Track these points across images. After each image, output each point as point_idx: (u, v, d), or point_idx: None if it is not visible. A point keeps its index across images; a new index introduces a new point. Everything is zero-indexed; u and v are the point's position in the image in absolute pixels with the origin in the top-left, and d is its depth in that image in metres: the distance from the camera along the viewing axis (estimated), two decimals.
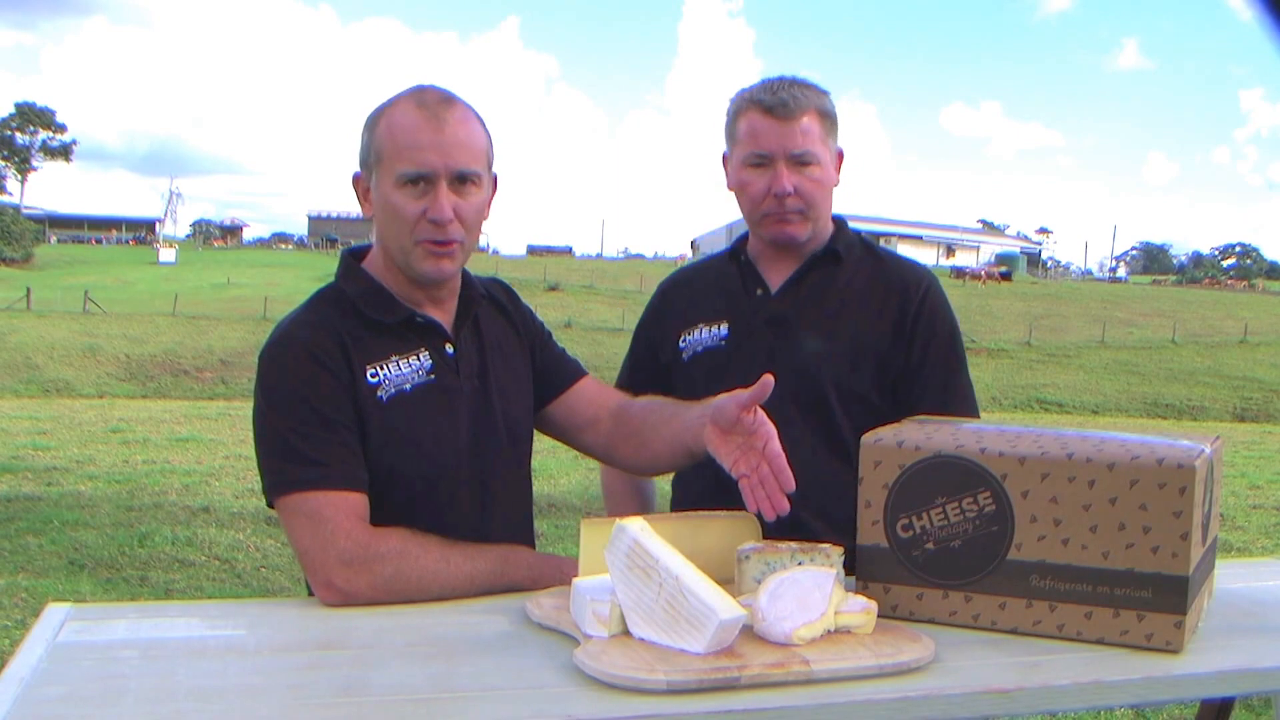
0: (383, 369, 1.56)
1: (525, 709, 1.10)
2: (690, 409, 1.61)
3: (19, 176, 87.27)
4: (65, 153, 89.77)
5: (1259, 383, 29.25)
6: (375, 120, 1.57)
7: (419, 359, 1.59)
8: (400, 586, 1.45)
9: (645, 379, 2.07)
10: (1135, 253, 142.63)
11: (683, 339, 2.01)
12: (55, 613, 1.36)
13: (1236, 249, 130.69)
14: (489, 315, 1.72)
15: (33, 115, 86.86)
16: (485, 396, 1.65)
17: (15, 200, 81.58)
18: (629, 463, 1.76)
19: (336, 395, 1.51)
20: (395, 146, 1.52)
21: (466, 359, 1.64)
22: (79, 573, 5.59)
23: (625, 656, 1.18)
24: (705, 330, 1.99)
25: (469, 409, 1.62)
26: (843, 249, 1.98)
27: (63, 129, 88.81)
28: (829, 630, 1.28)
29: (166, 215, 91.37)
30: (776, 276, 1.99)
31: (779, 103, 1.86)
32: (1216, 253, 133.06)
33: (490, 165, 1.61)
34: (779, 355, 1.91)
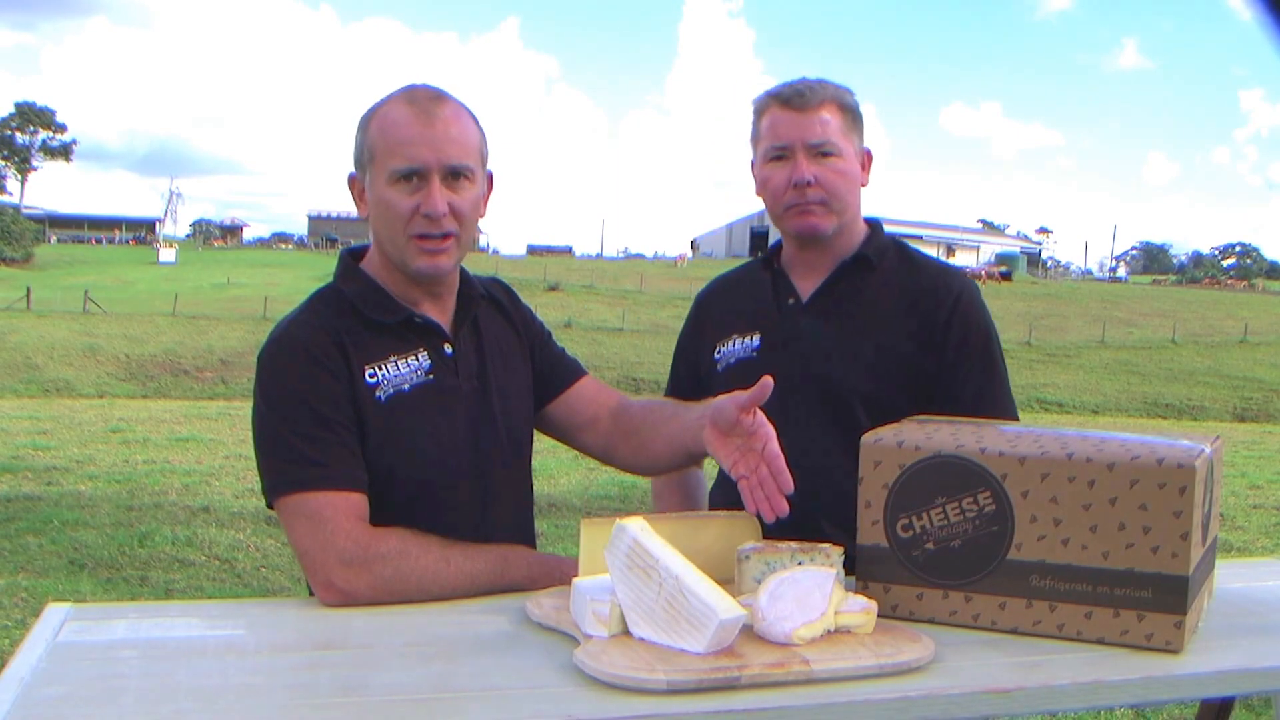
0: (381, 369, 1.56)
1: (525, 709, 1.10)
2: (690, 410, 1.61)
3: (19, 176, 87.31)
4: (65, 153, 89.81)
5: (1259, 383, 29.24)
6: (367, 120, 1.57)
7: (417, 359, 1.59)
8: (400, 586, 1.45)
9: (686, 384, 2.07)
10: (1135, 253, 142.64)
11: (718, 350, 2.00)
12: (55, 613, 1.36)
13: (1236, 249, 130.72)
14: (488, 315, 1.72)
15: (33, 115, 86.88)
16: (484, 396, 1.65)
17: (15, 200, 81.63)
18: (628, 463, 1.76)
19: (335, 395, 1.51)
20: (387, 144, 1.53)
21: (465, 359, 1.64)
22: (79, 573, 5.59)
23: (625, 656, 1.18)
24: (739, 341, 1.97)
25: (468, 409, 1.62)
26: (874, 255, 1.94)
27: (63, 129, 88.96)
28: (829, 630, 1.28)
29: (166, 215, 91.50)
30: (807, 284, 1.96)
31: (796, 93, 1.86)
32: (1216, 253, 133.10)
33: (484, 162, 1.61)
34: (808, 366, 1.89)
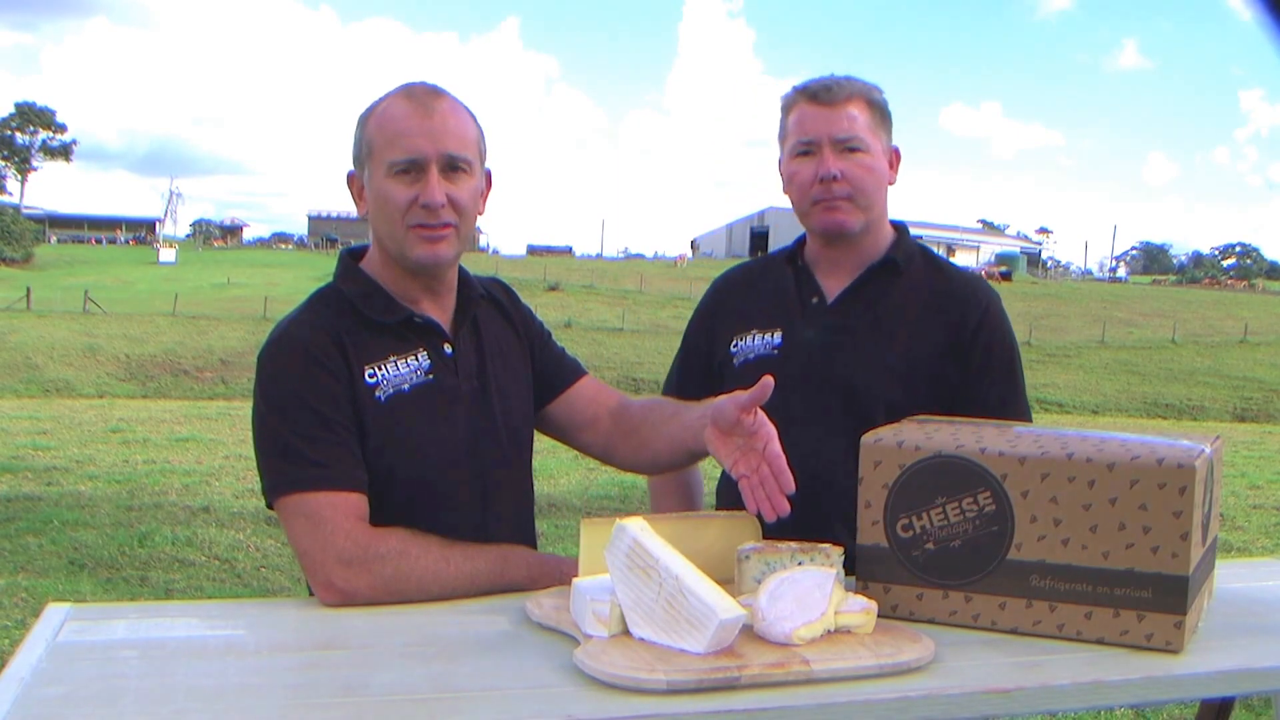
0: (381, 369, 1.56)
1: (525, 709, 1.10)
2: (691, 409, 1.61)
3: (19, 176, 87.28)
4: (65, 153, 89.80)
5: (1259, 383, 29.24)
6: (366, 117, 1.58)
7: (417, 359, 1.59)
8: (400, 586, 1.45)
9: (697, 377, 2.03)
10: (1135, 253, 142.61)
11: (735, 343, 1.96)
12: (55, 613, 1.36)
13: (1236, 249, 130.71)
14: (488, 315, 1.72)
15: (33, 115, 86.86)
16: (484, 396, 1.65)
17: (15, 200, 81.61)
18: (628, 462, 1.76)
19: (335, 396, 1.51)
20: (384, 137, 1.53)
21: (465, 359, 1.64)
22: (79, 573, 5.59)
23: (625, 656, 1.18)
24: (759, 337, 1.94)
25: (467, 409, 1.62)
26: (902, 259, 1.92)
27: (63, 129, 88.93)
28: (829, 630, 1.28)
29: (166, 215, 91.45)
30: (833, 285, 1.94)
31: (824, 88, 1.85)
32: (1216, 253, 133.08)
33: (482, 157, 1.61)
34: (831, 369, 1.87)
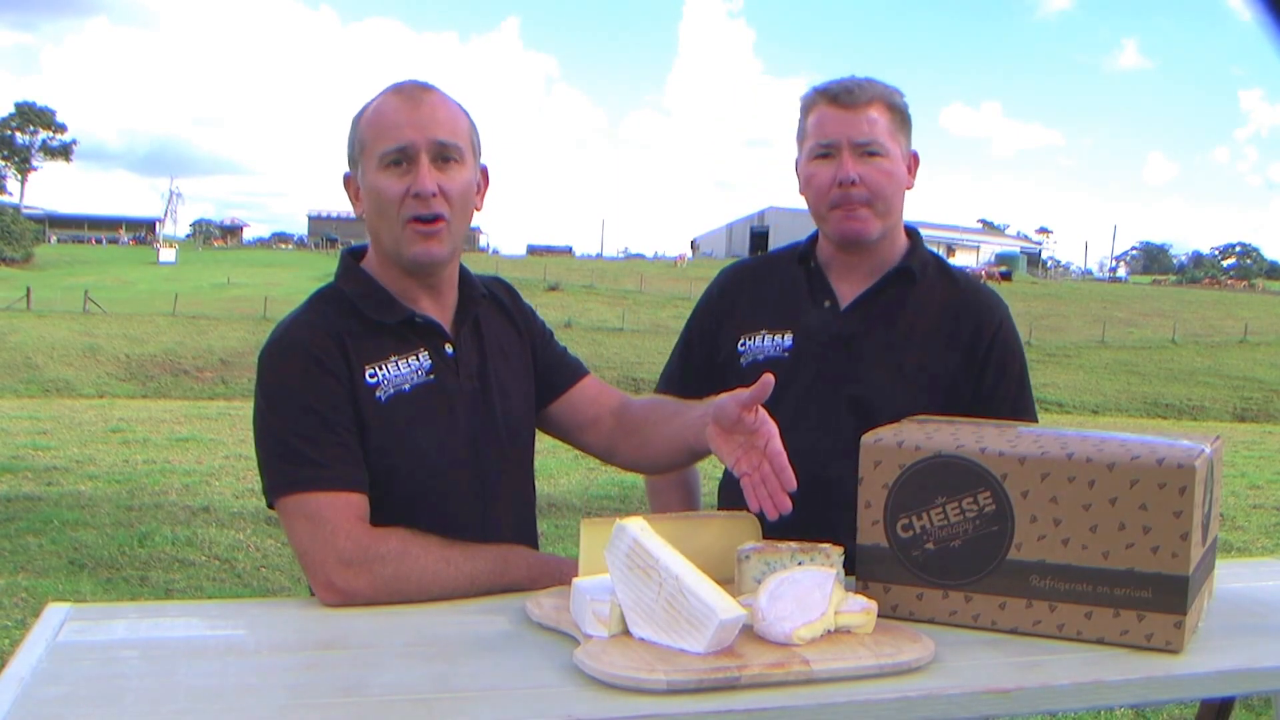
0: (382, 369, 1.56)
1: (525, 709, 1.10)
2: (692, 408, 1.61)
3: (19, 176, 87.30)
4: (65, 153, 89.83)
5: (1259, 383, 29.24)
6: (358, 117, 1.60)
7: (418, 359, 1.59)
8: (400, 587, 1.45)
9: (699, 371, 2.00)
10: (1135, 253, 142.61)
11: (743, 341, 1.93)
12: (55, 613, 1.36)
13: (1236, 249, 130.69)
14: (490, 314, 1.72)
15: (33, 115, 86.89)
16: (485, 396, 1.65)
17: (15, 200, 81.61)
18: (630, 462, 1.76)
19: (336, 396, 1.51)
20: (375, 131, 1.55)
21: (466, 359, 1.64)
22: (79, 573, 5.59)
23: (625, 656, 1.18)
24: (769, 338, 1.91)
25: (468, 409, 1.62)
26: (917, 268, 1.90)
27: (63, 129, 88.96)
28: (829, 630, 1.28)
29: (166, 215, 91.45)
30: (847, 289, 1.91)
31: (844, 90, 1.83)
32: (1216, 253, 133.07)
33: (475, 149, 1.61)
34: (842, 377, 1.86)
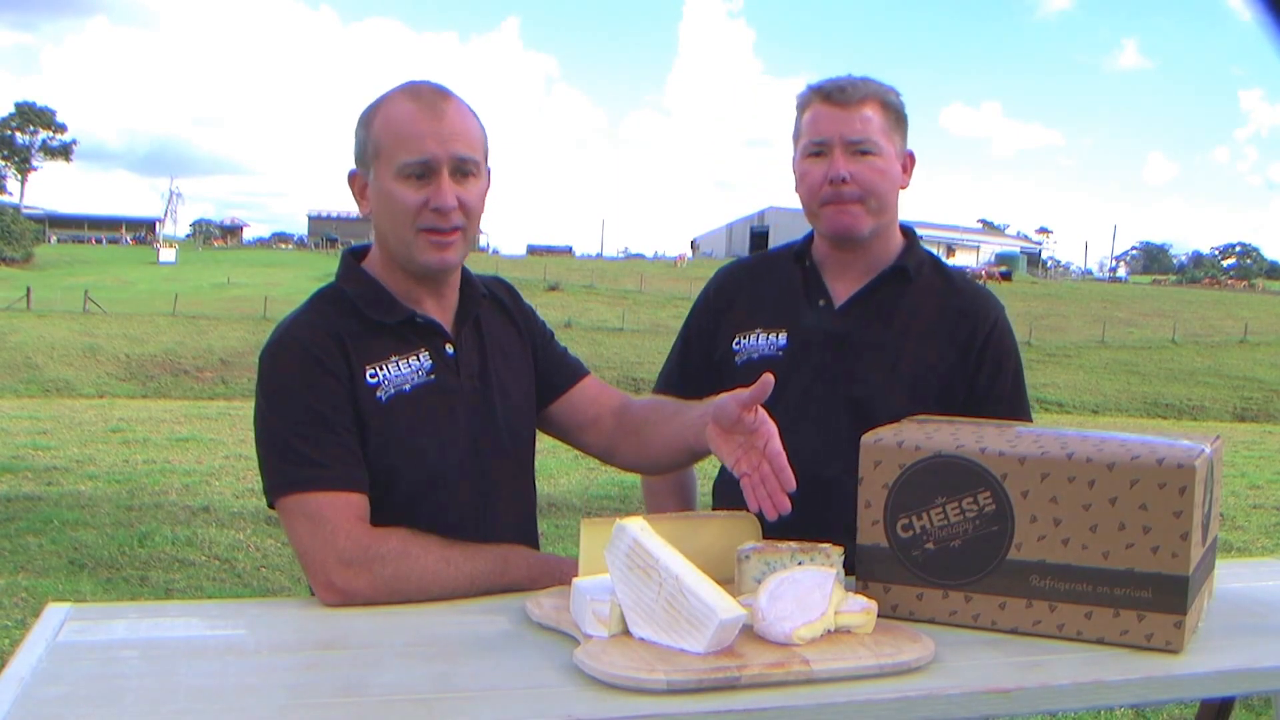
0: (382, 369, 1.56)
1: (525, 709, 1.10)
2: (692, 408, 1.61)
3: (19, 176, 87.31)
4: (65, 153, 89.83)
5: (1259, 383, 29.24)
6: (370, 116, 1.57)
7: (419, 359, 1.59)
8: (400, 587, 1.45)
9: (697, 370, 2.00)
10: (1135, 252, 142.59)
11: (738, 340, 1.94)
12: (55, 613, 1.36)
13: (1236, 249, 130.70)
14: (490, 314, 1.72)
15: (33, 115, 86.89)
16: (486, 396, 1.65)
17: (15, 200, 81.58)
18: (630, 462, 1.76)
19: (336, 396, 1.51)
20: (394, 138, 1.52)
21: (467, 359, 1.64)
22: (79, 573, 5.59)
23: (625, 656, 1.18)
24: (763, 337, 1.91)
25: (469, 409, 1.62)
26: (912, 267, 1.90)
27: (63, 129, 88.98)
28: (829, 630, 1.28)
29: (166, 215, 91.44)
30: (841, 288, 1.91)
31: (838, 88, 1.83)
32: (1216, 253, 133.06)
33: (487, 158, 1.61)
34: (837, 376, 1.86)
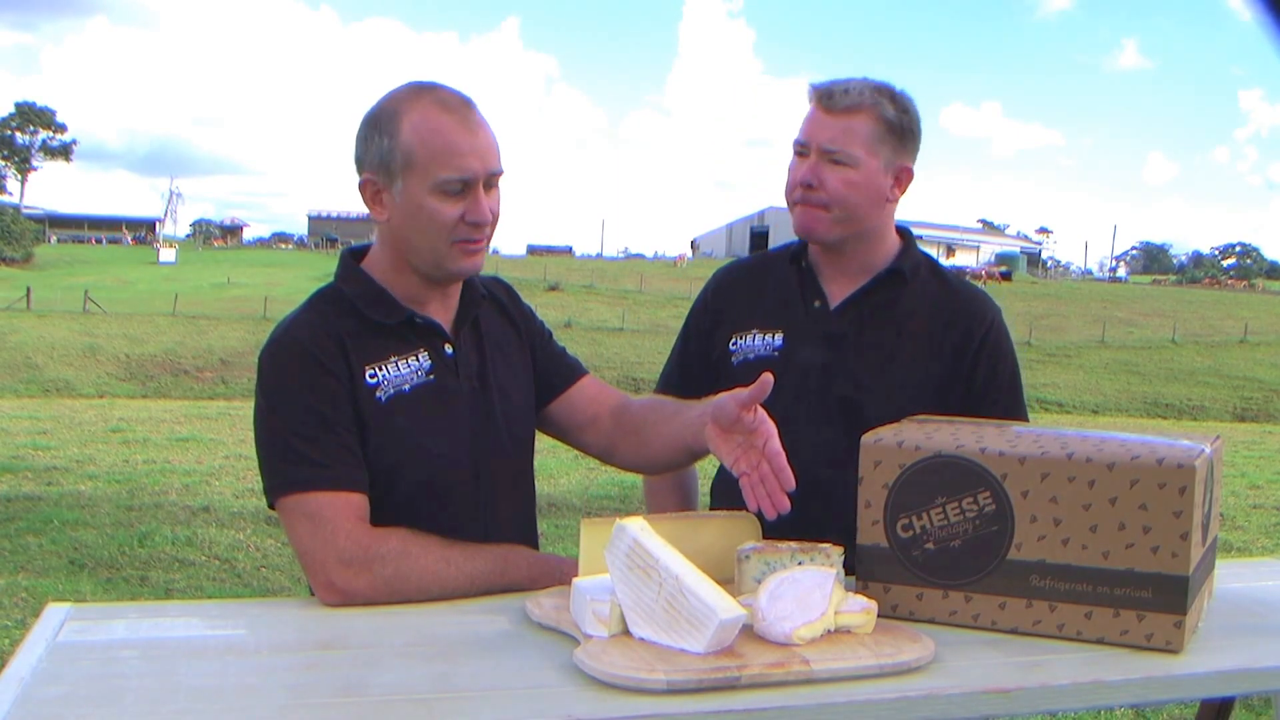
0: (382, 369, 1.56)
1: (525, 709, 1.10)
2: (691, 408, 1.61)
3: (19, 176, 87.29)
4: (65, 153, 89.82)
5: (1259, 383, 29.25)
6: (392, 123, 1.51)
7: (418, 359, 1.59)
8: (400, 586, 1.45)
9: (696, 371, 2.00)
10: (1135, 252, 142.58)
11: (734, 341, 1.94)
12: (55, 613, 1.36)
13: (1236, 249, 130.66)
14: (489, 315, 1.72)
15: (33, 115, 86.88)
16: (485, 396, 1.65)
17: (15, 200, 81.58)
18: (629, 462, 1.76)
19: (336, 396, 1.51)
20: (430, 152, 1.49)
21: (466, 359, 1.64)
22: (79, 573, 5.59)
23: (625, 656, 1.18)
24: (760, 337, 1.91)
25: (468, 409, 1.62)
26: (908, 270, 1.90)
27: (63, 129, 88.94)
28: (829, 630, 1.28)
29: (166, 215, 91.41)
30: (837, 290, 1.91)
31: (829, 94, 1.82)
32: (1216, 252, 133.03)
33: None
34: (832, 375, 1.86)
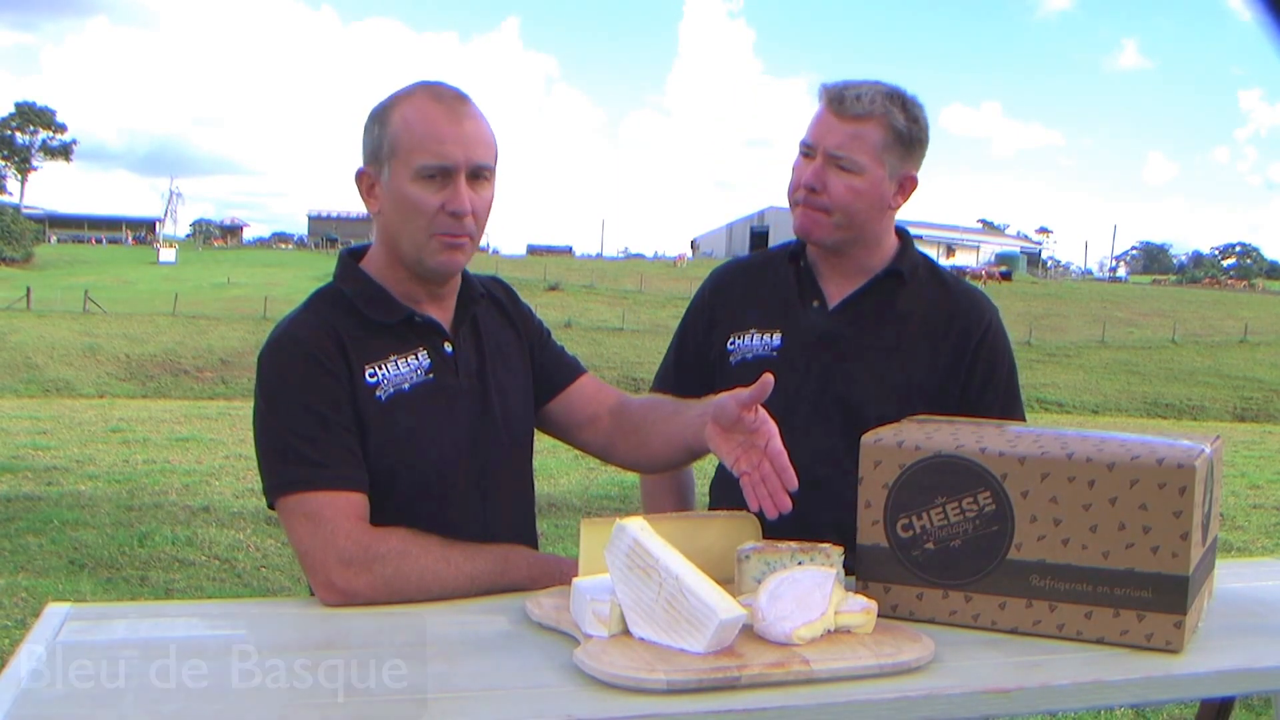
0: (381, 369, 1.56)
1: (525, 709, 1.10)
2: (691, 407, 1.61)
3: (19, 176, 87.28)
4: (65, 152, 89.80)
5: (1259, 383, 29.26)
6: (386, 114, 1.55)
7: (417, 358, 1.59)
8: (400, 586, 1.45)
9: (693, 370, 2.00)
10: (1135, 252, 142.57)
11: (732, 341, 1.94)
12: (55, 613, 1.36)
13: (1236, 249, 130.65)
14: (488, 314, 1.72)
15: (33, 115, 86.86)
16: (484, 395, 1.65)
17: (15, 200, 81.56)
18: (629, 461, 1.76)
19: (336, 396, 1.51)
20: (414, 139, 1.51)
21: (465, 358, 1.64)
22: (79, 573, 5.59)
23: (625, 656, 1.18)
24: (758, 337, 1.91)
25: (468, 408, 1.62)
26: (906, 270, 1.90)
27: (63, 129, 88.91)
28: (829, 630, 1.28)
29: (166, 215, 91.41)
30: (835, 290, 1.91)
31: (840, 98, 1.81)
32: (1216, 252, 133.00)
33: (496, 164, 1.61)
34: (829, 375, 1.86)
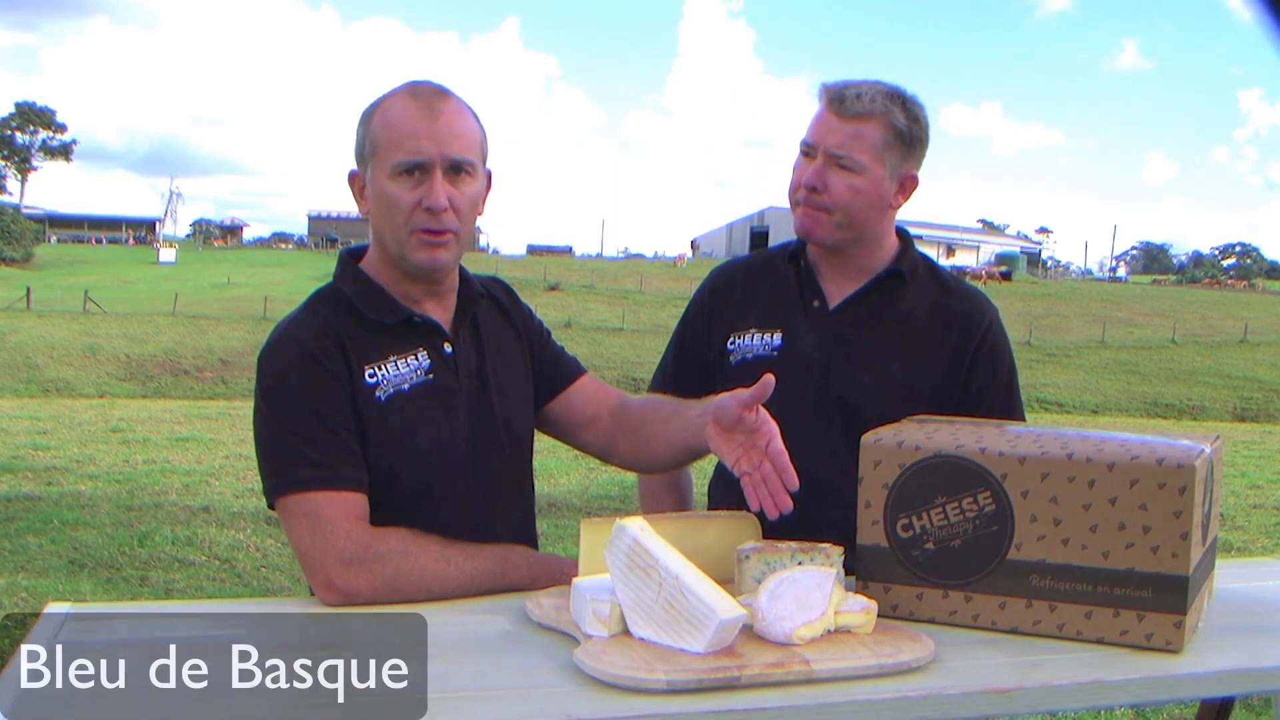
0: (381, 369, 1.56)
1: (525, 709, 1.10)
2: (691, 407, 1.61)
3: (19, 176, 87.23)
4: (65, 152, 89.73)
5: (1259, 383, 29.26)
6: (370, 114, 1.57)
7: (417, 359, 1.59)
8: (400, 586, 1.45)
9: (692, 370, 2.00)
10: (1135, 252, 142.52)
11: (732, 341, 1.93)
12: (55, 613, 1.36)
13: (1236, 249, 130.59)
14: (488, 314, 1.72)
15: (33, 115, 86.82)
16: (484, 395, 1.65)
17: (15, 200, 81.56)
18: (628, 461, 1.76)
19: (335, 396, 1.51)
20: (390, 137, 1.53)
21: (465, 358, 1.64)
22: (79, 573, 5.59)
23: (625, 656, 1.18)
24: (758, 337, 1.91)
25: (468, 408, 1.62)
26: (907, 271, 1.90)
27: (63, 129, 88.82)
28: (829, 630, 1.28)
29: (166, 215, 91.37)
30: (835, 290, 1.91)
31: (840, 97, 1.81)
32: (1216, 252, 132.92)
33: (484, 158, 1.61)
34: (830, 376, 1.86)
